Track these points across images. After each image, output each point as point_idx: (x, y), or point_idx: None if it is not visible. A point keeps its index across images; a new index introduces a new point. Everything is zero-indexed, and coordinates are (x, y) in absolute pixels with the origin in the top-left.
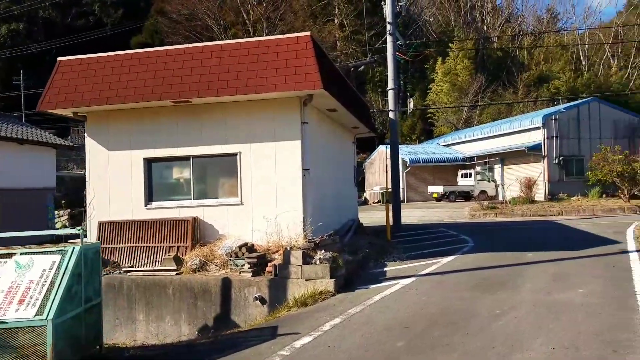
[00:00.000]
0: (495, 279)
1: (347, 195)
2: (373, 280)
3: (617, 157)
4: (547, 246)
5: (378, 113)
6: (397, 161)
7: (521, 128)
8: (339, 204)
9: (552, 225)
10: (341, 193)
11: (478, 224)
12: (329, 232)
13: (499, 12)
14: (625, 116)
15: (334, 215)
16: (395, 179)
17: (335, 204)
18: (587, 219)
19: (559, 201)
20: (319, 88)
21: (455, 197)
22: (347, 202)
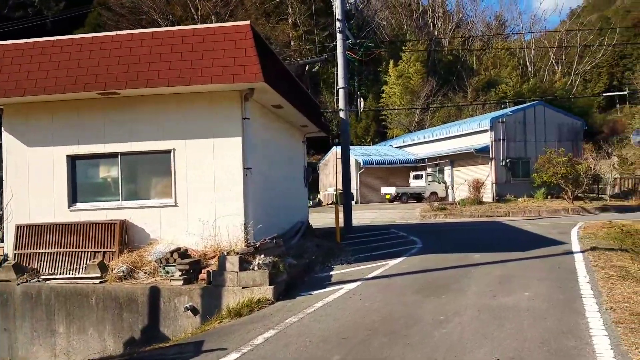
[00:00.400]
0: (441, 281)
1: (297, 196)
2: (317, 286)
3: (561, 160)
4: (493, 247)
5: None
6: (348, 162)
7: (470, 131)
8: (288, 205)
9: (499, 226)
10: (290, 194)
11: (428, 224)
12: (274, 235)
13: (450, 18)
14: (569, 120)
15: (282, 217)
16: (346, 180)
17: (283, 205)
18: (532, 219)
19: (506, 202)
20: (259, 81)
21: (408, 198)
22: (296, 204)
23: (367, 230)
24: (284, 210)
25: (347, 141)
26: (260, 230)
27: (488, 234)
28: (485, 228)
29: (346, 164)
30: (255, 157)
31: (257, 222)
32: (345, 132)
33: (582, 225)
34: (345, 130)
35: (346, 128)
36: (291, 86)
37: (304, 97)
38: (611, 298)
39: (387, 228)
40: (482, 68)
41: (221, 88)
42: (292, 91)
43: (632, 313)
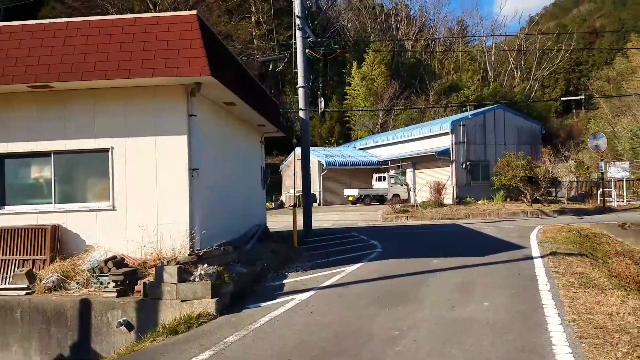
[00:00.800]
0: (398, 290)
1: (253, 198)
2: (267, 297)
3: (520, 163)
4: (453, 252)
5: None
6: (308, 163)
7: (431, 133)
8: (243, 209)
9: (459, 229)
10: (246, 196)
11: (389, 227)
12: (223, 241)
13: (413, 22)
14: (528, 123)
15: (235, 221)
16: (306, 181)
17: (237, 208)
18: (492, 222)
19: (466, 205)
20: (205, 75)
21: (370, 200)
22: (253, 207)
23: (327, 233)
24: (238, 213)
25: (307, 142)
26: (208, 236)
27: (448, 238)
28: (446, 231)
29: (306, 166)
30: (204, 157)
31: (205, 228)
32: (306, 133)
33: (541, 229)
34: (305, 130)
35: (306, 128)
36: (245, 83)
37: (260, 95)
38: (573, 309)
39: (348, 231)
40: (444, 72)
41: (165, 82)
42: (246, 88)
43: (596, 326)
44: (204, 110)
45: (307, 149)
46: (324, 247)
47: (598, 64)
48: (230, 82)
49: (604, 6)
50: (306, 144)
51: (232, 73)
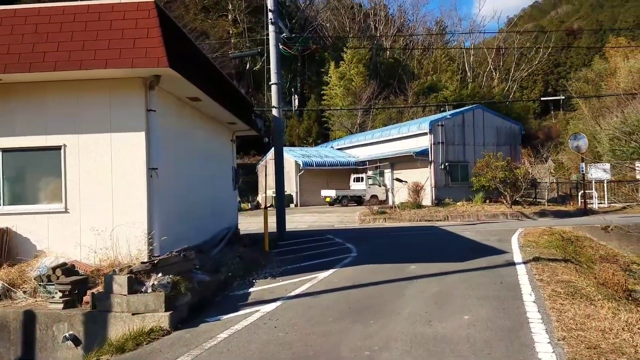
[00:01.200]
0: (371, 300)
1: (224, 200)
2: (229, 308)
3: (499, 164)
4: (431, 256)
5: None
6: (281, 163)
7: (410, 133)
8: (212, 211)
9: (437, 231)
10: (215, 198)
11: (366, 229)
12: (185, 246)
13: (392, 22)
14: (507, 124)
15: (202, 224)
16: (279, 182)
17: (204, 210)
18: (471, 224)
19: (445, 206)
20: (163, 66)
21: (348, 201)
22: (223, 208)
23: (302, 236)
24: (206, 216)
25: (280, 141)
26: (172, 240)
27: (426, 241)
28: (424, 234)
29: (280, 165)
30: (166, 155)
31: (166, 232)
32: (279, 132)
33: (522, 232)
34: (278, 129)
35: (280, 127)
36: (212, 77)
37: (230, 92)
38: (562, 324)
39: (323, 234)
40: (423, 72)
41: (121, 74)
42: (212, 83)
43: (589, 346)
44: (167, 106)
45: (280, 149)
46: (296, 251)
47: (576, 66)
48: (193, 75)
49: (582, 8)
50: (279, 143)
51: (195, 66)
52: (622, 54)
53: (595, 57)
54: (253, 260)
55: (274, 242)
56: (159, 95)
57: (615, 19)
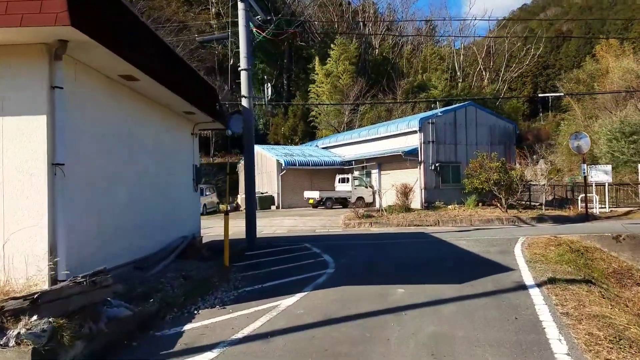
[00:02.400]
0: (344, 349)
1: (180, 203)
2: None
3: (494, 165)
4: (423, 274)
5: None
6: (252, 159)
7: (398, 132)
8: (162, 217)
9: (429, 239)
10: (167, 201)
11: (350, 236)
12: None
13: (381, 20)
14: (501, 122)
15: (146, 234)
16: (249, 181)
17: (149, 217)
18: (465, 231)
19: (436, 210)
20: (63, 24)
21: (332, 203)
22: (178, 214)
23: (275, 244)
24: (150, 224)
25: (250, 135)
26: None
27: (416, 252)
28: (414, 242)
29: (250, 163)
30: (85, 148)
31: (84, 246)
32: (249, 124)
33: (525, 242)
34: (248, 121)
35: (250, 119)
36: (155, 53)
37: (184, 74)
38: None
39: (301, 241)
40: (412, 71)
41: (12, 38)
42: (155, 60)
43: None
44: (89, 85)
45: (250, 143)
46: (263, 265)
47: (565, 67)
48: (121, 45)
49: (571, 11)
50: (249, 137)
51: (126, 35)
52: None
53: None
54: (203, 281)
55: (241, 253)
56: (77, 70)
57: (604, 21)
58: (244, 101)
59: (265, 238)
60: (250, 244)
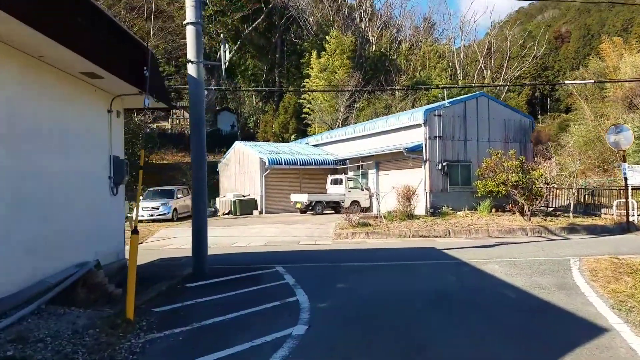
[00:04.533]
0: None
1: (81, 214)
2: None
3: (512, 164)
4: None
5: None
6: (201, 144)
7: (399, 125)
8: (33, 238)
9: (445, 259)
10: (49, 212)
11: (340, 252)
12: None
13: (378, 17)
14: (516, 116)
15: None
16: (198, 177)
17: (9, 239)
18: (487, 246)
19: (444, 216)
20: None
21: (323, 208)
22: (72, 229)
23: (236, 268)
24: (9, 248)
25: (198, 111)
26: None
27: (435, 286)
28: (427, 266)
29: (199, 149)
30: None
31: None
32: (197, 97)
33: (582, 267)
34: (197, 93)
35: (198, 90)
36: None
37: (75, 10)
38: None
39: (275, 261)
40: (411, 68)
41: None
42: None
43: None
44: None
45: (199, 122)
46: (197, 315)
47: (564, 69)
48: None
49: (568, 13)
50: (197, 113)
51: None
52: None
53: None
54: None
55: (177, 286)
56: None
57: (604, 23)
58: (191, 68)
59: (230, 256)
60: (197, 270)
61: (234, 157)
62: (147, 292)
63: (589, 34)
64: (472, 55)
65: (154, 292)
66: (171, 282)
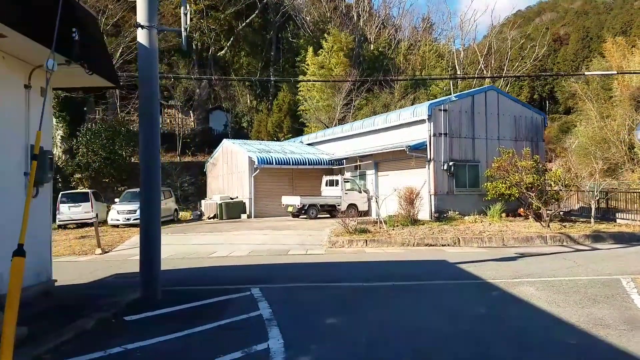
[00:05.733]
0: None
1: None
2: None
3: (527, 164)
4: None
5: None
6: (153, 134)
7: (401, 122)
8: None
9: (462, 279)
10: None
11: (334, 266)
12: None
13: (376, 16)
14: (528, 112)
15: None
16: (149, 170)
17: None
18: (506, 259)
19: (450, 222)
20: None
21: (317, 212)
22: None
23: (199, 292)
24: None
25: (151, 86)
26: None
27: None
28: (440, 289)
29: (150, 136)
30: None
31: None
32: (150, 73)
33: None
34: (148, 67)
35: (149, 59)
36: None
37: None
38: None
39: (250, 281)
40: (410, 68)
41: None
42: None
43: None
44: None
45: (151, 102)
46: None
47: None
48: None
49: (567, 15)
50: (150, 92)
51: None
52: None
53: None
54: None
55: (114, 318)
56: None
57: (602, 25)
58: (142, 34)
59: (201, 271)
60: (146, 295)
61: (222, 156)
62: (64, 330)
63: (587, 37)
64: (472, 56)
65: (72, 331)
66: (106, 313)
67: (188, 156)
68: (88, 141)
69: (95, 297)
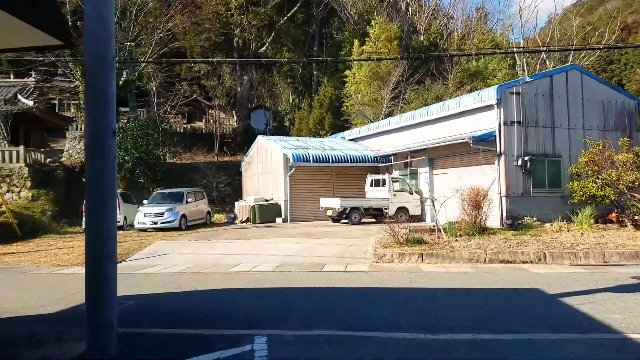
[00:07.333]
0: None
1: None
2: None
3: (627, 157)
4: None
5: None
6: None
7: (462, 109)
8: None
9: (578, 327)
10: None
11: (381, 298)
12: None
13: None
14: (618, 96)
15: None
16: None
17: None
18: (626, 287)
19: (527, 230)
20: None
21: (361, 216)
22: None
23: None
24: None
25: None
26: None
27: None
28: (546, 348)
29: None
30: None
31: None
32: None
33: None
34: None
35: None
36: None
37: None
38: None
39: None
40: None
41: None
42: None
43: None
44: None
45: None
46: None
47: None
48: None
49: (634, 2)
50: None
51: None
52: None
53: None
54: None
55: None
56: None
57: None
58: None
59: (203, 295)
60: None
61: (256, 154)
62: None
63: None
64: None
65: None
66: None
67: (227, 155)
68: (120, 140)
69: (25, 345)
